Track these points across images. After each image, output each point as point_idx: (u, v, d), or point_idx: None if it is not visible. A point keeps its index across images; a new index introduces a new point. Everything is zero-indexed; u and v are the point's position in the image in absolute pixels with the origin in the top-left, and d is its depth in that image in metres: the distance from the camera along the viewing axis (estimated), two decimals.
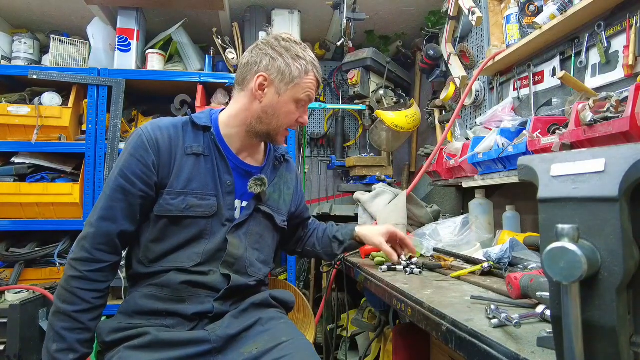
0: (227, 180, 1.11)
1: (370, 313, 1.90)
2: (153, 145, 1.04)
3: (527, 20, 1.59)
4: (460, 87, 2.03)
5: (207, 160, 1.10)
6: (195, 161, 1.08)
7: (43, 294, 1.78)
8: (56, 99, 2.12)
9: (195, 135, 1.11)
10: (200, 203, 1.07)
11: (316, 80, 1.14)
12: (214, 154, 1.11)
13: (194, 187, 1.06)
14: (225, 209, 1.11)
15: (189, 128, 1.11)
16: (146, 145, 1.04)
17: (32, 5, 2.35)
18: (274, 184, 1.25)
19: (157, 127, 1.08)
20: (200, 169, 1.08)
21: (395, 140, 2.47)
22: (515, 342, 0.63)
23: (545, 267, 0.45)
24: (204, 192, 1.08)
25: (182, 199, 1.05)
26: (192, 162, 1.08)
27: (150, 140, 1.04)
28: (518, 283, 0.83)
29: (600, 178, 0.46)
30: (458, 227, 1.50)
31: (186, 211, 1.05)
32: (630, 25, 1.22)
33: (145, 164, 1.03)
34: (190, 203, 1.05)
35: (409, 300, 0.95)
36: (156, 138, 1.05)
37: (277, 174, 1.27)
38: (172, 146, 1.07)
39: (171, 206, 1.04)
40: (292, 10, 2.47)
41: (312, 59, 1.13)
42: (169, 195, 1.04)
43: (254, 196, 1.16)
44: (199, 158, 1.09)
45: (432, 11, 2.44)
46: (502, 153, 1.36)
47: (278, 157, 1.29)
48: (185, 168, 1.07)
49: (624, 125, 0.96)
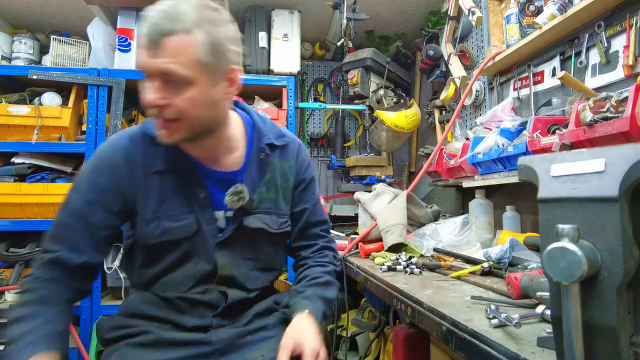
0: (200, 193, 0.98)
1: (370, 313, 1.90)
2: (113, 169, 0.93)
3: (527, 20, 1.59)
4: (460, 87, 2.03)
5: (174, 176, 0.97)
6: (160, 180, 0.96)
7: None
8: (56, 99, 2.12)
9: (154, 149, 0.95)
10: (177, 225, 0.96)
11: (141, 37, 0.81)
12: (179, 168, 0.97)
13: (166, 208, 0.95)
14: (207, 225, 0.99)
15: (146, 142, 0.96)
16: (105, 170, 0.93)
17: (32, 5, 2.35)
18: (266, 182, 1.06)
19: (113, 146, 0.96)
20: (169, 187, 0.96)
21: (395, 140, 2.47)
22: (515, 342, 0.63)
23: (545, 267, 0.45)
24: (179, 211, 0.96)
25: (155, 224, 0.95)
26: (157, 182, 0.95)
27: (110, 164, 0.94)
28: (518, 283, 0.83)
29: (600, 178, 0.46)
30: (458, 227, 1.50)
31: (163, 236, 0.95)
32: (630, 25, 1.22)
33: (106, 190, 0.93)
34: (165, 227, 0.95)
35: (409, 300, 0.95)
36: (116, 160, 0.94)
37: (269, 168, 1.06)
38: (134, 166, 0.94)
39: (146, 234, 0.95)
40: (292, 10, 2.47)
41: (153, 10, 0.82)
42: (142, 224, 0.95)
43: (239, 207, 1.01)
44: (164, 175, 0.96)
45: (432, 11, 2.44)
46: (502, 153, 1.36)
47: (263, 148, 1.05)
48: (152, 189, 0.95)
49: (624, 125, 0.96)
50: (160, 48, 0.79)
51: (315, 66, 3.06)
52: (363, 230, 1.65)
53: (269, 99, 2.45)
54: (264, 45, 2.43)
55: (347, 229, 1.95)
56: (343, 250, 1.62)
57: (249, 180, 1.02)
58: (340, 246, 1.68)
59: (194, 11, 0.82)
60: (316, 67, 3.06)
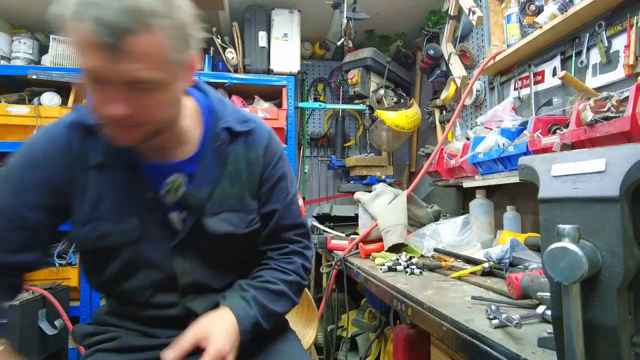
0: (146, 192, 0.83)
1: (371, 313, 1.90)
2: (46, 159, 0.81)
3: (527, 20, 1.59)
4: (460, 87, 2.03)
5: (116, 171, 0.82)
6: (100, 175, 0.82)
7: (43, 294, 1.78)
8: (55, 99, 2.12)
9: (94, 140, 0.81)
10: (116, 228, 0.82)
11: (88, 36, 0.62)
12: (120, 162, 0.82)
13: (104, 208, 0.81)
14: (156, 228, 0.84)
15: (84, 131, 0.82)
16: (38, 160, 0.80)
17: (32, 5, 2.35)
18: (229, 174, 0.88)
19: (47, 137, 0.83)
20: (107, 183, 0.82)
21: (395, 140, 2.47)
22: (515, 342, 0.62)
23: (546, 267, 0.44)
24: (120, 212, 0.82)
25: (90, 226, 0.81)
26: (96, 178, 0.82)
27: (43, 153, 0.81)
28: (519, 283, 0.82)
29: (601, 178, 0.45)
30: (458, 227, 1.50)
31: (99, 241, 0.81)
32: (630, 25, 1.21)
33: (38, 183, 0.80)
34: (101, 231, 0.81)
35: (409, 300, 0.95)
36: (50, 149, 0.81)
37: (230, 159, 0.89)
38: (70, 158, 0.81)
39: (82, 237, 0.82)
40: (292, 10, 2.47)
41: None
42: (76, 224, 0.82)
43: (191, 206, 0.85)
44: (104, 170, 0.82)
45: (433, 11, 2.44)
46: (503, 153, 1.36)
47: (219, 133, 0.87)
48: (89, 186, 0.81)
49: (624, 125, 0.95)
50: (123, 52, 0.63)
51: (315, 66, 3.06)
52: (363, 231, 1.65)
53: (269, 98, 2.45)
54: (264, 45, 2.43)
55: (347, 229, 1.95)
56: (343, 251, 1.62)
57: (201, 171, 0.86)
58: (340, 246, 1.68)
59: None
60: (316, 66, 3.06)
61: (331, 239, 1.74)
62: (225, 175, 0.88)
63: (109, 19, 0.61)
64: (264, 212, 0.94)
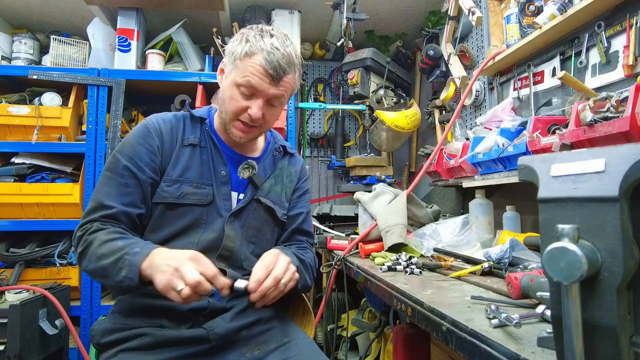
0: (222, 170, 1.12)
1: (371, 313, 1.90)
2: (157, 133, 1.09)
3: (527, 20, 1.59)
4: (460, 87, 2.03)
5: (203, 152, 1.13)
6: (191, 152, 1.11)
7: (43, 294, 1.78)
8: (56, 99, 2.12)
9: (193, 127, 1.15)
10: (195, 191, 1.08)
11: (262, 67, 1.00)
12: (209, 146, 1.14)
13: (189, 175, 1.08)
14: (221, 199, 1.10)
15: (187, 121, 1.16)
16: (152, 133, 1.09)
17: (32, 5, 2.35)
18: (275, 176, 1.22)
19: (160, 118, 1.13)
20: (196, 159, 1.11)
21: (395, 140, 2.47)
22: (515, 342, 0.63)
23: (545, 267, 0.45)
24: (200, 181, 1.09)
25: (177, 186, 1.07)
26: (188, 153, 1.11)
27: (155, 129, 1.10)
28: (518, 283, 0.83)
29: (600, 178, 0.46)
30: (458, 227, 1.50)
31: (181, 198, 1.06)
32: (630, 25, 1.22)
33: (152, 150, 1.07)
34: (185, 191, 1.07)
35: (409, 300, 0.95)
36: (160, 127, 1.10)
37: (278, 166, 1.24)
38: (173, 136, 1.11)
39: (166, 193, 1.06)
40: (292, 10, 2.48)
41: (268, 45, 1.01)
42: (165, 183, 1.07)
43: (251, 187, 1.15)
44: (195, 149, 1.12)
45: (432, 11, 2.44)
46: (502, 153, 1.36)
47: (277, 148, 1.26)
48: (182, 158, 1.10)
49: (624, 125, 0.96)
50: (281, 82, 1.03)
51: (315, 66, 3.06)
52: (363, 231, 1.65)
53: None
54: None
55: (347, 229, 1.95)
56: (343, 250, 1.62)
57: (261, 167, 1.19)
58: (340, 246, 1.68)
59: (295, 52, 1.06)
60: (316, 67, 3.07)
61: (331, 238, 1.74)
62: (273, 176, 1.22)
63: (280, 62, 1.01)
64: (293, 214, 1.25)
